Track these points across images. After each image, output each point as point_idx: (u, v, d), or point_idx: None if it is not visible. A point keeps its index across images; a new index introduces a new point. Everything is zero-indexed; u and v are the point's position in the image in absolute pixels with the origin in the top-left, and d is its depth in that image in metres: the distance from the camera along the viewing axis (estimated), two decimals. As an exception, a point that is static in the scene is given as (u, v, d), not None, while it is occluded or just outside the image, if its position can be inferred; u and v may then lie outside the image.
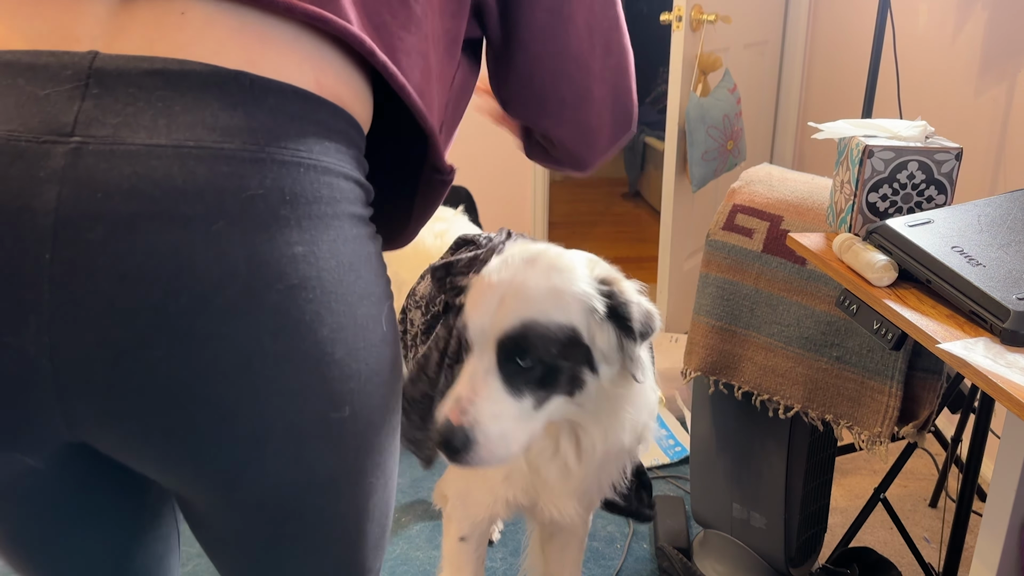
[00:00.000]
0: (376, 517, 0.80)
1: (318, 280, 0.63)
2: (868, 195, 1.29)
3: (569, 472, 1.24)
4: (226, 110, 0.60)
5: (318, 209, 0.63)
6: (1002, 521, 1.24)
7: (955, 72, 2.38)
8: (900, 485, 2.25)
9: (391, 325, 0.72)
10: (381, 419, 0.73)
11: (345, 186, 0.66)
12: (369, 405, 0.70)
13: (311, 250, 0.62)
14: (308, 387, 0.64)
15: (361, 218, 0.69)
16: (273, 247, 0.60)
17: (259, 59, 0.63)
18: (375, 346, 0.69)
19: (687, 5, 2.72)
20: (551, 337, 1.05)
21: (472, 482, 1.37)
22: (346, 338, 0.66)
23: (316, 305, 0.63)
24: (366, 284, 0.68)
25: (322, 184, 0.64)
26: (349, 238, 0.66)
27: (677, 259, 3.11)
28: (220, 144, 0.59)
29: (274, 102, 0.62)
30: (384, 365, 0.71)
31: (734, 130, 2.94)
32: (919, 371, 1.47)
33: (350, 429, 0.69)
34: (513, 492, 1.31)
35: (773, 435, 1.67)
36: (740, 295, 1.65)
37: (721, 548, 1.86)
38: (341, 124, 0.67)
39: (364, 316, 0.67)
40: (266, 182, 0.60)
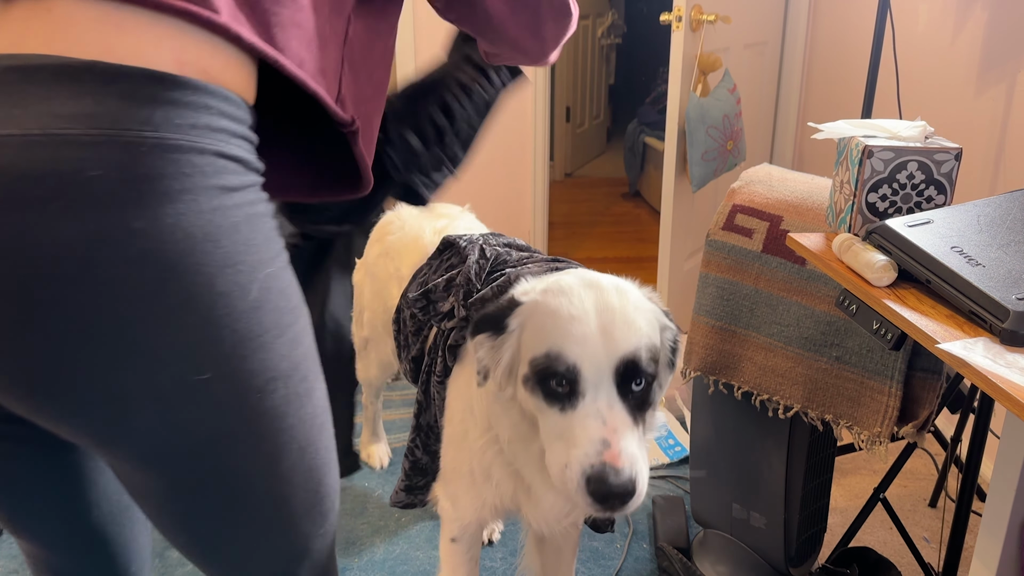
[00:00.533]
0: (297, 481, 0.84)
1: (161, 252, 0.67)
2: (868, 195, 1.29)
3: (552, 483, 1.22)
4: (74, 98, 0.65)
5: (162, 185, 0.67)
6: (1002, 521, 1.24)
7: (955, 72, 2.38)
8: (900, 485, 2.25)
9: (272, 291, 0.75)
10: (268, 384, 0.77)
11: (199, 160, 0.69)
12: (245, 370, 0.74)
13: (152, 224, 0.66)
14: (158, 350, 0.69)
15: (229, 188, 0.72)
16: (109, 223, 0.65)
17: (116, 46, 0.67)
18: (244, 312, 0.72)
19: (687, 5, 2.72)
20: (653, 355, 1.06)
21: (460, 486, 1.37)
22: (199, 306, 0.70)
23: (162, 274, 0.67)
24: (227, 254, 0.71)
25: (167, 161, 0.67)
26: (206, 210, 0.69)
27: (677, 259, 3.11)
28: (64, 130, 0.64)
29: (125, 87, 0.66)
30: (256, 329, 0.74)
31: (734, 130, 2.94)
32: (919, 371, 1.47)
33: (223, 392, 0.74)
34: (499, 498, 1.31)
35: (773, 435, 1.67)
36: (740, 295, 1.65)
37: (721, 548, 1.86)
38: (205, 99, 0.71)
39: (227, 284, 0.71)
40: (104, 163, 0.65)
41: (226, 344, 0.72)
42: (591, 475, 0.95)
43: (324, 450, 0.88)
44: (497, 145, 3.61)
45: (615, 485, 0.94)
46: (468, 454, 1.32)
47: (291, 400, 0.80)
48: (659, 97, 5.05)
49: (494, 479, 1.30)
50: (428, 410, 1.47)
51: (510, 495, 1.30)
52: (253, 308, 0.73)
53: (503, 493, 1.30)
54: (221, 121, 0.72)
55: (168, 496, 0.79)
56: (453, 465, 1.38)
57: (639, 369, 1.02)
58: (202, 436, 0.75)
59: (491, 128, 1.21)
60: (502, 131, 3.60)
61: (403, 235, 1.79)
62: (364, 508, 2.19)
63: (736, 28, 3.00)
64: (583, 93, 5.86)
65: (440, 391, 1.39)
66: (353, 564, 1.98)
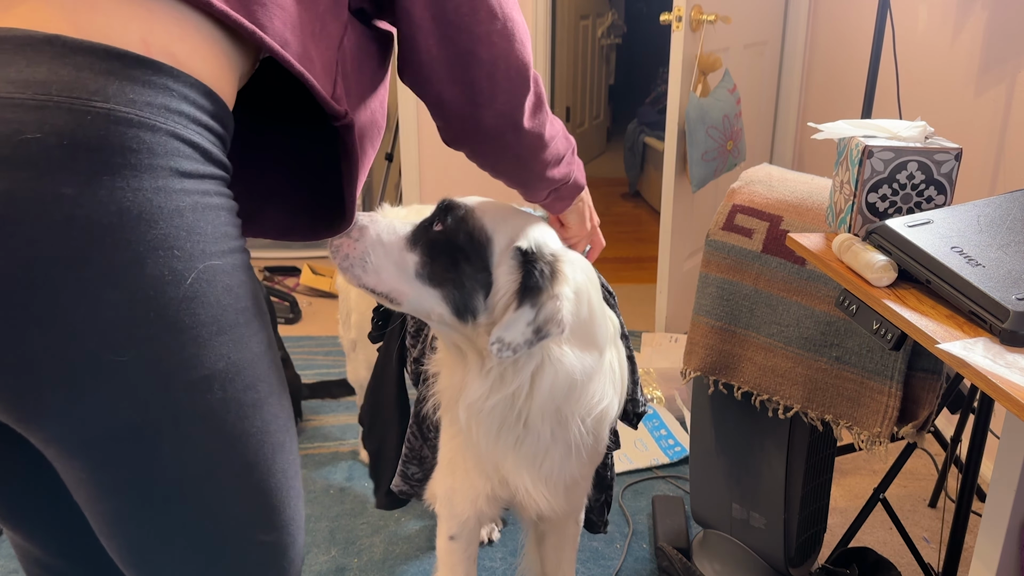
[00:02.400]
0: (237, 501, 0.80)
1: (88, 221, 0.66)
2: (868, 195, 1.29)
3: (519, 442, 1.23)
4: (31, 66, 0.65)
5: (102, 155, 0.66)
6: (1002, 521, 1.24)
7: (955, 72, 2.38)
8: (900, 485, 2.25)
9: (214, 285, 0.73)
10: (202, 382, 0.73)
11: (152, 139, 0.68)
12: (173, 360, 0.71)
13: (82, 192, 0.65)
14: (72, 323, 0.67)
15: (179, 172, 0.70)
16: (36, 185, 0.64)
17: (84, 24, 0.67)
18: (175, 300, 0.70)
19: (687, 5, 2.72)
20: (468, 224, 1.13)
21: (456, 480, 1.37)
22: (122, 284, 0.68)
23: (82, 245, 0.66)
24: (163, 236, 0.69)
25: (115, 134, 0.66)
26: (145, 189, 0.68)
27: (677, 259, 3.11)
28: (11, 95, 0.64)
29: (82, 59, 0.66)
30: (194, 323, 0.72)
31: (734, 130, 2.94)
32: (919, 371, 1.47)
33: (142, 378, 0.71)
34: (491, 486, 1.32)
35: (773, 435, 1.67)
36: (740, 295, 1.65)
37: (721, 548, 1.86)
38: (166, 80, 0.70)
39: (159, 267, 0.69)
40: (44, 127, 0.64)
41: (150, 328, 0.70)
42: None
43: (279, 474, 0.83)
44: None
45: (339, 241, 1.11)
46: (452, 443, 1.34)
47: (230, 406, 0.76)
48: (659, 97, 5.05)
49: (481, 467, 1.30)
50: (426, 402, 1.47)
51: (499, 480, 1.30)
52: (187, 298, 0.71)
53: (492, 479, 1.30)
54: (181, 105, 0.71)
55: (93, 492, 0.76)
56: (449, 456, 1.39)
57: (446, 214, 1.17)
58: (119, 425, 0.72)
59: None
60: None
61: None
62: (364, 508, 2.19)
63: (736, 28, 3.00)
64: (583, 93, 5.86)
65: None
66: (353, 564, 1.98)
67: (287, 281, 3.81)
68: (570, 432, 1.23)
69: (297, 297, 3.57)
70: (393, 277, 1.12)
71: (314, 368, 2.96)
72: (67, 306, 0.66)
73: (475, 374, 1.17)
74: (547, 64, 3.57)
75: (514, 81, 0.96)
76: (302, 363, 2.92)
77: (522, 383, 1.15)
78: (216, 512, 0.80)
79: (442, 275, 1.12)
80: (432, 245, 1.13)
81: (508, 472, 1.27)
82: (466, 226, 1.14)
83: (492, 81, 0.94)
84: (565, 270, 1.13)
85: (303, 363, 2.93)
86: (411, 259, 1.13)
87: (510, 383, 1.15)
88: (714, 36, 2.88)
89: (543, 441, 1.24)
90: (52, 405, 0.70)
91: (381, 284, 1.12)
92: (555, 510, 1.34)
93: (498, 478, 1.30)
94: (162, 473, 0.75)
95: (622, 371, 1.32)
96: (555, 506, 1.33)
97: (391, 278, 1.12)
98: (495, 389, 1.16)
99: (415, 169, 3.64)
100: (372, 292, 1.13)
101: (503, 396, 1.17)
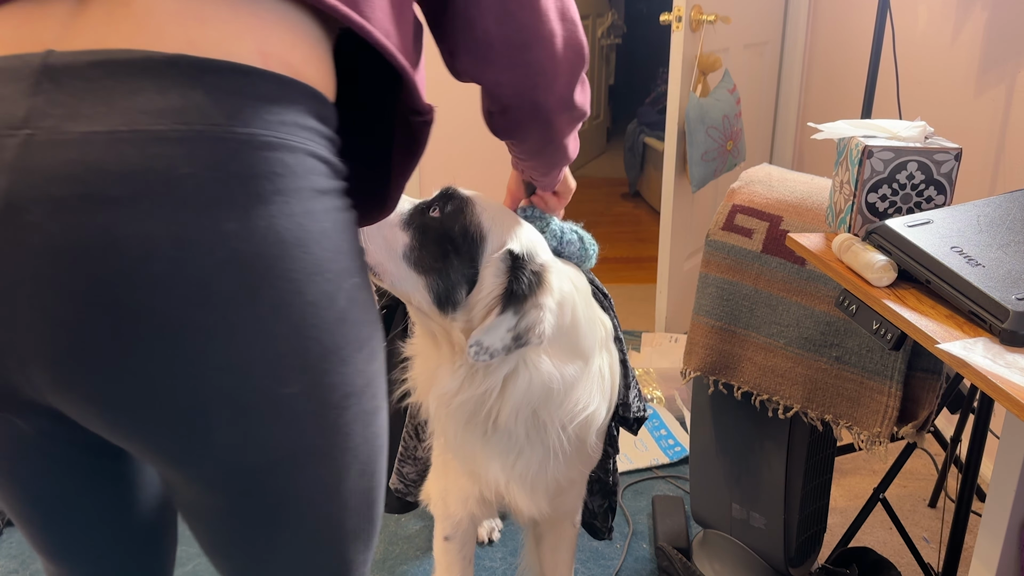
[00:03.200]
0: (353, 505, 0.80)
1: (253, 256, 0.63)
2: (867, 195, 1.29)
3: (488, 438, 1.22)
4: (160, 93, 0.62)
5: (256, 185, 0.64)
6: (1002, 521, 1.24)
7: (955, 72, 2.38)
8: (899, 485, 2.25)
9: (355, 302, 0.72)
10: (345, 400, 0.73)
11: (292, 160, 0.66)
12: (324, 384, 0.70)
13: (244, 227, 0.63)
14: (248, 362, 0.66)
15: (320, 192, 0.68)
16: (199, 224, 0.62)
17: (198, 39, 0.64)
18: (329, 324, 0.69)
19: (687, 5, 2.72)
20: (465, 217, 1.11)
21: (449, 481, 1.37)
22: (290, 315, 0.66)
23: (253, 280, 0.64)
24: (318, 261, 0.67)
25: (261, 160, 0.64)
26: (298, 213, 0.66)
27: (677, 259, 3.11)
28: (150, 126, 0.61)
29: (211, 81, 0.63)
30: (341, 343, 0.71)
31: (734, 130, 2.94)
32: (918, 371, 1.47)
33: (304, 407, 0.70)
34: (478, 488, 1.31)
35: (772, 435, 1.67)
36: (740, 295, 1.65)
37: (721, 548, 1.86)
38: (292, 95, 0.67)
39: (315, 293, 0.67)
40: (195, 161, 0.62)
41: (312, 356, 0.68)
42: None
43: (379, 473, 0.83)
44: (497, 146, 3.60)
45: None
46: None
47: (360, 418, 0.76)
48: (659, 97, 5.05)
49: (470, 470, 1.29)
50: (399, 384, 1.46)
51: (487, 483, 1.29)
52: (338, 320, 0.69)
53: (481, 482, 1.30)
54: (307, 119, 0.68)
55: (225, 514, 0.75)
56: (442, 458, 1.39)
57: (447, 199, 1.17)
58: (278, 454, 0.71)
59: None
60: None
61: None
62: (364, 508, 2.19)
63: (736, 28, 3.00)
64: (583, 93, 5.85)
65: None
66: (353, 564, 1.98)
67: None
68: (549, 437, 1.22)
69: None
70: (380, 251, 1.11)
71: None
72: (240, 347, 0.65)
73: (446, 368, 1.16)
74: (547, 64, 3.56)
75: (573, 62, 0.92)
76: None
77: (493, 385, 1.14)
78: (337, 520, 0.80)
79: (429, 263, 1.11)
80: (425, 230, 1.12)
81: (479, 466, 1.26)
82: (462, 219, 1.13)
83: (552, 58, 0.89)
84: (551, 280, 1.12)
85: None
86: (401, 239, 1.12)
87: (480, 384, 1.14)
88: (714, 36, 2.88)
89: (515, 440, 1.22)
90: (219, 444, 0.68)
91: (366, 254, 1.09)
92: (541, 512, 1.33)
93: (475, 474, 1.29)
94: (300, 491, 0.75)
95: (612, 376, 1.30)
96: (539, 509, 1.32)
97: (377, 251, 1.11)
98: (465, 387, 1.15)
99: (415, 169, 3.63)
100: None
101: (473, 395, 1.15)
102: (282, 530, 0.77)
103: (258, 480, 0.72)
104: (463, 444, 1.24)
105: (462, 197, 1.15)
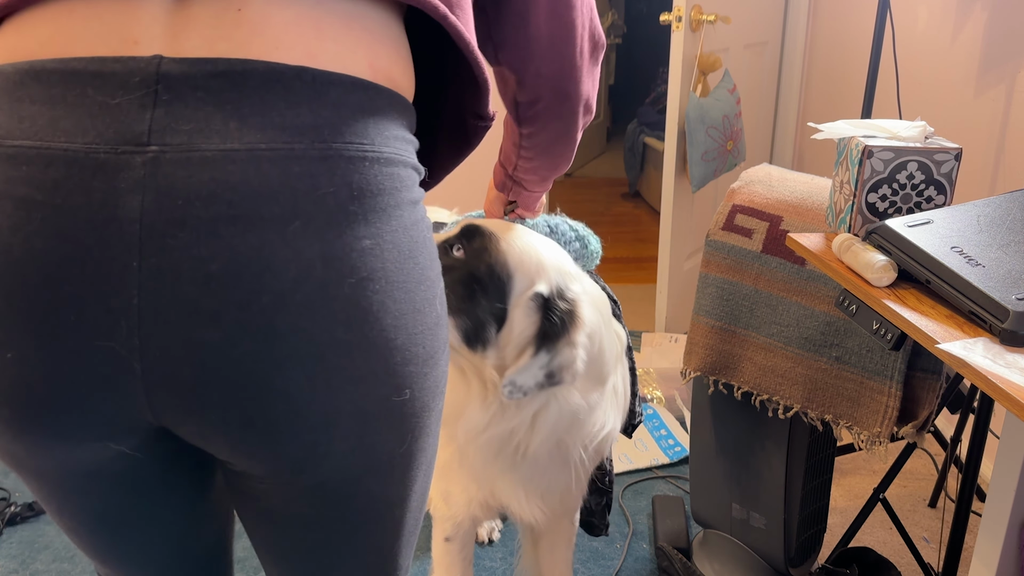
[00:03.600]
0: (415, 506, 0.81)
1: (383, 271, 0.65)
2: (867, 195, 1.29)
3: (516, 466, 1.23)
4: (292, 108, 0.61)
5: (381, 201, 0.65)
6: (1002, 521, 1.24)
7: (955, 72, 2.38)
8: (899, 485, 2.25)
9: (443, 306, 0.74)
10: (433, 401, 0.75)
11: (403, 174, 0.68)
12: (424, 387, 0.72)
13: (376, 243, 0.64)
14: (373, 373, 0.67)
15: (416, 202, 0.70)
16: (344, 243, 0.62)
17: (317, 51, 0.63)
18: (430, 329, 0.71)
19: (687, 5, 2.72)
20: (490, 257, 1.10)
21: (452, 483, 1.37)
22: (406, 324, 0.68)
23: (382, 295, 0.65)
24: (422, 269, 0.69)
25: (384, 176, 0.65)
26: (408, 225, 0.67)
27: (677, 259, 3.11)
28: (290, 144, 0.61)
29: (336, 95, 0.63)
30: (438, 346, 0.73)
31: (734, 130, 2.94)
32: (918, 371, 1.47)
33: (408, 411, 0.71)
34: (483, 494, 1.32)
35: (773, 435, 1.67)
36: (740, 295, 1.65)
37: (721, 548, 1.86)
38: (397, 108, 0.68)
39: (421, 300, 0.69)
40: (335, 179, 0.62)
41: (419, 362, 0.70)
42: None
43: (430, 474, 0.84)
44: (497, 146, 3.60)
45: None
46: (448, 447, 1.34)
47: (439, 417, 0.77)
48: (659, 97, 5.05)
49: (475, 474, 1.30)
50: None
51: (491, 490, 1.30)
52: (436, 324, 0.71)
53: (485, 488, 1.31)
54: (406, 132, 0.69)
55: (310, 521, 0.75)
56: (446, 458, 1.39)
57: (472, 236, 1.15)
58: (380, 460, 0.72)
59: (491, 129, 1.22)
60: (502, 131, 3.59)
61: None
62: (364, 508, 2.18)
63: (736, 28, 3.00)
64: (583, 93, 5.84)
65: None
66: (353, 564, 1.98)
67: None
68: (570, 457, 1.24)
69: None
70: None
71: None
72: (369, 358, 0.66)
73: (477, 403, 1.16)
74: (547, 64, 3.56)
75: (595, 51, 0.95)
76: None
77: (523, 420, 1.15)
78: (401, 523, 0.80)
79: (456, 304, 1.10)
80: (450, 271, 1.09)
81: (502, 492, 1.28)
82: (487, 258, 1.11)
83: (581, 52, 0.93)
84: (582, 315, 1.12)
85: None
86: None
87: (511, 419, 1.15)
88: (714, 36, 2.88)
89: (539, 465, 1.24)
90: (338, 452, 0.69)
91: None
92: (549, 519, 1.34)
93: (491, 490, 1.31)
94: (388, 497, 0.76)
95: (625, 388, 1.32)
96: (549, 516, 1.34)
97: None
98: (495, 422, 1.15)
99: (415, 169, 3.64)
100: None
101: (503, 429, 1.16)
102: (360, 534, 0.77)
103: (354, 487, 0.73)
104: (490, 475, 1.26)
105: (485, 234, 1.14)
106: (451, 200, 2.14)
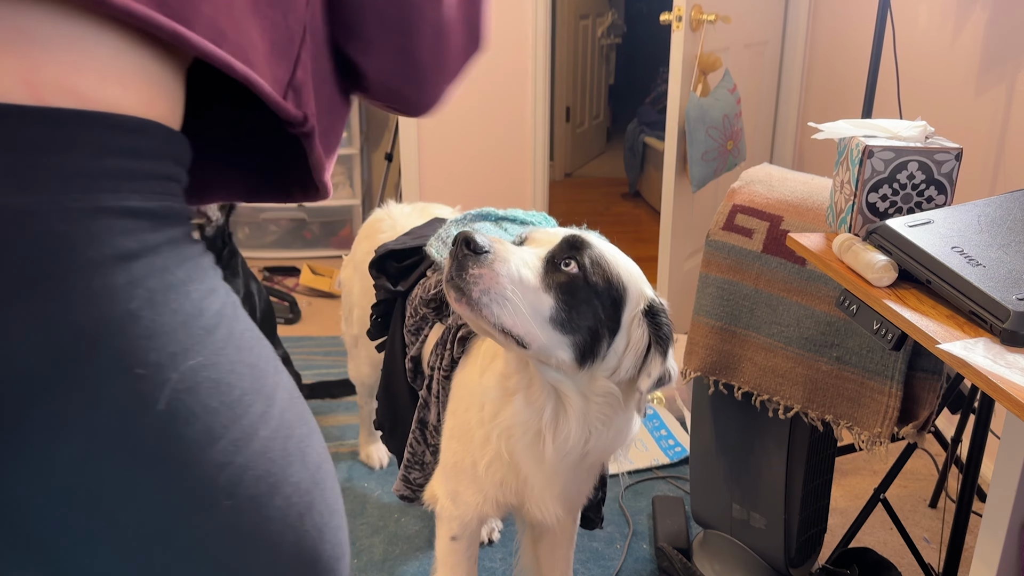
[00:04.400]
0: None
1: (23, 370, 0.48)
2: (868, 195, 1.28)
3: (543, 463, 1.24)
4: None
5: (23, 275, 0.48)
6: (1002, 521, 1.24)
7: (955, 72, 2.38)
8: (900, 485, 2.25)
9: (193, 392, 0.54)
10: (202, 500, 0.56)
11: (74, 229, 0.49)
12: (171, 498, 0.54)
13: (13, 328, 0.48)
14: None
15: (124, 257, 0.51)
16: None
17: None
18: (150, 429, 0.52)
19: (687, 5, 2.72)
20: (605, 271, 1.11)
21: (462, 482, 1.37)
22: (82, 428, 0.50)
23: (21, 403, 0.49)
24: (117, 359, 0.51)
25: (41, 242, 0.48)
26: (83, 301, 0.49)
27: (677, 259, 3.11)
28: None
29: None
30: (178, 447, 0.53)
31: (734, 130, 2.94)
32: (919, 371, 1.47)
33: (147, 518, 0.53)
34: (502, 493, 1.32)
35: (773, 435, 1.67)
36: (740, 295, 1.65)
37: (721, 548, 1.86)
38: (74, 133, 0.50)
39: (120, 398, 0.51)
40: None
41: (126, 478, 0.52)
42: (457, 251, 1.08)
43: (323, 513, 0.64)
44: (497, 145, 3.61)
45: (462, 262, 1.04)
46: (470, 446, 1.33)
47: (245, 508, 0.57)
48: (659, 97, 5.05)
49: (495, 471, 1.31)
50: (428, 407, 1.47)
51: (512, 488, 1.31)
52: (165, 422, 0.52)
53: (505, 485, 1.31)
54: (103, 161, 0.50)
55: None
56: (455, 459, 1.39)
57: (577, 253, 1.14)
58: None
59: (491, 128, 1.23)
60: (502, 131, 3.60)
61: (393, 233, 1.79)
62: (364, 508, 2.18)
63: (736, 28, 3.00)
64: (583, 93, 5.85)
65: (445, 386, 1.40)
66: (352, 564, 1.97)
67: (287, 281, 3.80)
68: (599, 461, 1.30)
69: (297, 297, 3.57)
70: (527, 319, 1.04)
71: (314, 368, 2.96)
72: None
73: (576, 421, 1.17)
74: (547, 64, 3.56)
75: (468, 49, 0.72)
76: (302, 363, 2.91)
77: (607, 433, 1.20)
78: None
79: (577, 323, 1.09)
80: (568, 289, 1.08)
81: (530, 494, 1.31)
82: (603, 272, 1.11)
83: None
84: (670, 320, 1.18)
85: (303, 363, 2.93)
86: (547, 302, 1.07)
87: (604, 434, 1.20)
88: (714, 36, 2.88)
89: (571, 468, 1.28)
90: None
91: (517, 326, 1.04)
92: (556, 519, 1.36)
93: (514, 491, 1.32)
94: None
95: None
96: (561, 517, 1.36)
97: (526, 320, 1.04)
98: (594, 436, 1.19)
99: (415, 169, 3.64)
100: (501, 332, 1.05)
101: (599, 444, 1.21)
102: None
103: None
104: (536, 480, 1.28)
105: (591, 246, 1.13)
106: (451, 200, 2.14)
